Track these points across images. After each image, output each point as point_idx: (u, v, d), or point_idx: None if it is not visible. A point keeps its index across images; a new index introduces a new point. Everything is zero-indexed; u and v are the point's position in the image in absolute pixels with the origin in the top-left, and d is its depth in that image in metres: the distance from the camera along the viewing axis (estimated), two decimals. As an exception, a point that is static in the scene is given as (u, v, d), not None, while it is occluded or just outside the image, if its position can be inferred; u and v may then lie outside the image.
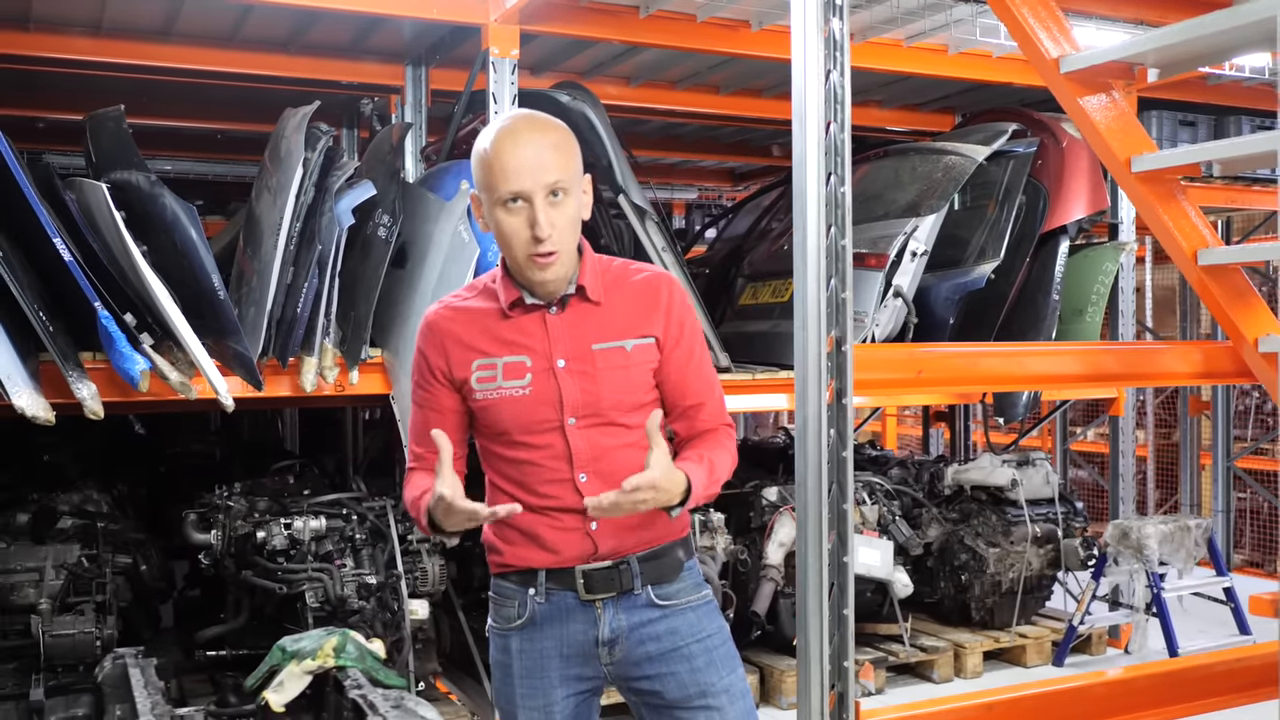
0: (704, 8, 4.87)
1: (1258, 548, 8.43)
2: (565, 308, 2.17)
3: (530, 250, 2.08)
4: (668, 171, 8.77)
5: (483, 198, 2.13)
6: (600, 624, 2.18)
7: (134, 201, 4.22)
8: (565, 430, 2.14)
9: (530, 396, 2.14)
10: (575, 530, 2.15)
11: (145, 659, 3.17)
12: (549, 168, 2.06)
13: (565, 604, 2.18)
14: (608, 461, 2.14)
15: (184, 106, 6.25)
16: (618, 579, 2.17)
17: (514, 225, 2.08)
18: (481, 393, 2.16)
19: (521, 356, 2.15)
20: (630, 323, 2.18)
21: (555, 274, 2.11)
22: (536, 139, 2.09)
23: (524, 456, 2.16)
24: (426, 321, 2.24)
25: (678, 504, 2.08)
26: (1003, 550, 5.78)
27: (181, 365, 3.94)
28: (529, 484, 2.16)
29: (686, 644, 2.20)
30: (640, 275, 2.23)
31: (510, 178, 2.05)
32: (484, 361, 2.16)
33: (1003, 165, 5.32)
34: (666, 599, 2.20)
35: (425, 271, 4.42)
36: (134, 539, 4.76)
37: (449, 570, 4.79)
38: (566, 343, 2.15)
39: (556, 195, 2.07)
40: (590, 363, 2.14)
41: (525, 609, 2.20)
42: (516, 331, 2.17)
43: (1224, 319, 3.25)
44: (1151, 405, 9.14)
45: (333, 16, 4.85)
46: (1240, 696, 3.55)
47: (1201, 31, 2.82)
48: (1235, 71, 5.48)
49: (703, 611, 2.24)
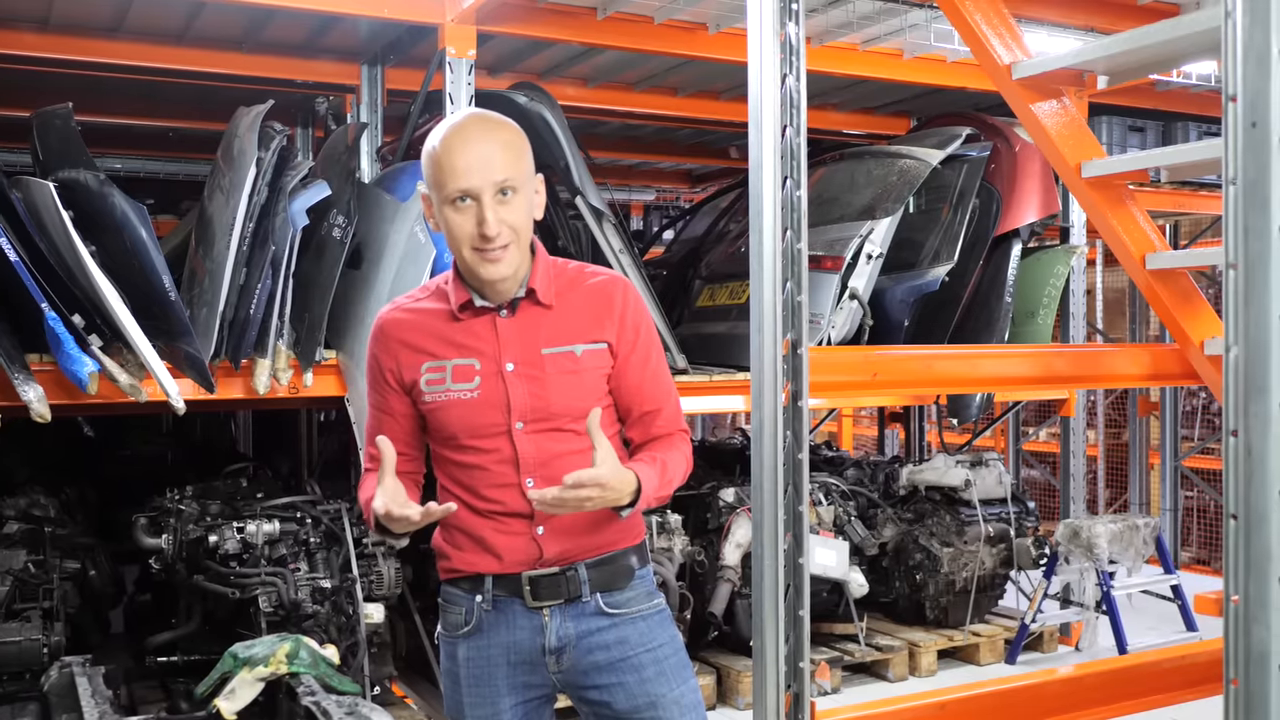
0: (662, 10, 4.87)
1: (1204, 545, 8.58)
2: (515, 311, 2.15)
3: (477, 245, 2.06)
4: (625, 173, 8.77)
5: (432, 196, 2.11)
6: (547, 632, 2.15)
7: (82, 201, 4.15)
8: (512, 434, 2.12)
9: (478, 400, 2.12)
10: (521, 535, 2.13)
11: (93, 667, 3.12)
12: (497, 166, 2.05)
13: (512, 611, 2.15)
14: (556, 467, 2.10)
15: (135, 104, 6.17)
16: (565, 585, 2.14)
17: (461, 223, 2.06)
18: (430, 395, 2.14)
19: (470, 359, 2.13)
20: (582, 327, 2.15)
21: (502, 272, 2.09)
22: (486, 137, 2.08)
23: (471, 460, 2.14)
24: (378, 323, 2.22)
25: (627, 504, 2.05)
26: (956, 550, 5.84)
27: (131, 367, 3.89)
28: (476, 488, 2.14)
29: (636, 654, 2.17)
30: (595, 279, 2.21)
31: (459, 175, 2.04)
32: (433, 364, 2.14)
33: (957, 169, 5.38)
34: (616, 608, 2.18)
35: (380, 273, 4.40)
36: (83, 543, 4.69)
37: (405, 574, 4.76)
38: (516, 346, 2.13)
39: (505, 194, 2.05)
40: (539, 367, 2.12)
41: (472, 615, 2.17)
42: (466, 334, 2.14)
43: (1171, 322, 3.31)
44: (1102, 406, 9.28)
45: (287, 14, 4.80)
46: (1188, 692, 3.62)
47: (1149, 40, 2.86)
48: (1183, 79, 5.59)
49: (654, 621, 2.22)
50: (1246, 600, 1.75)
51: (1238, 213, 1.77)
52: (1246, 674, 1.74)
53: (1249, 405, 1.75)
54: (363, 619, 4.33)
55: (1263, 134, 1.73)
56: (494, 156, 2.05)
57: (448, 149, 2.06)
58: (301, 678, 2.80)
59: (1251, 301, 1.75)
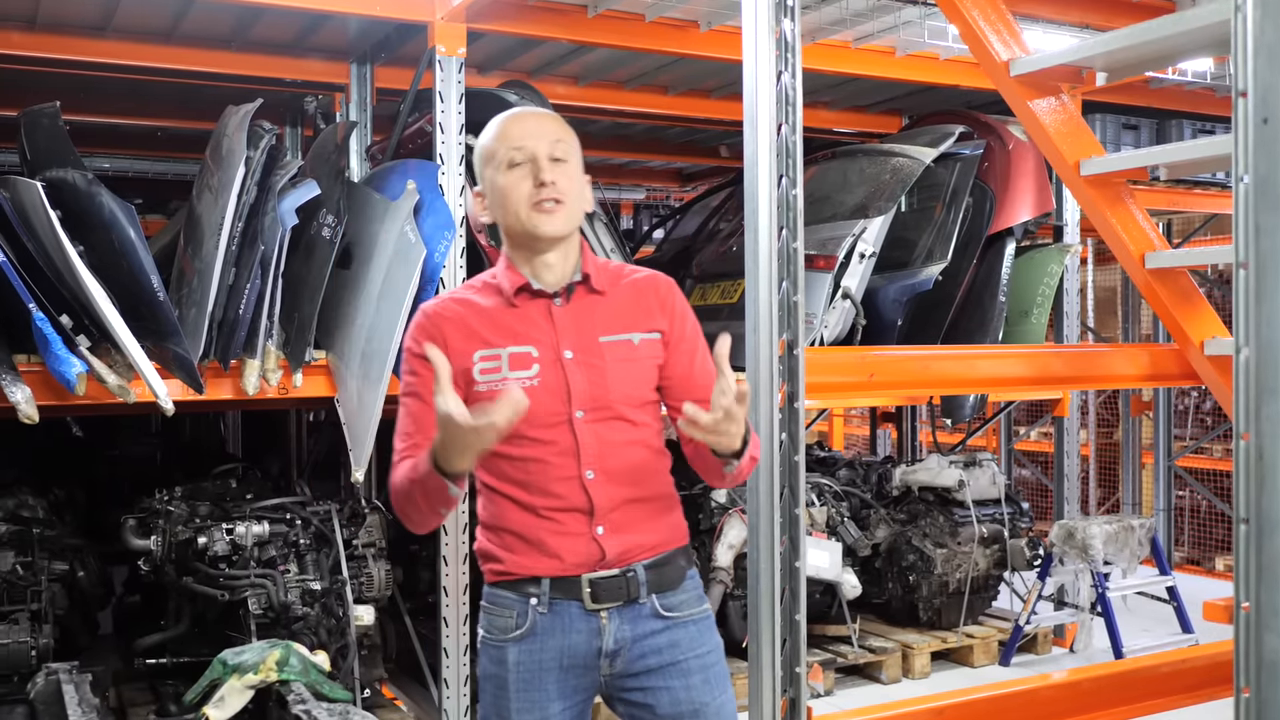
0: (653, 8, 4.84)
1: (1197, 545, 8.58)
2: (570, 299, 2.13)
3: (534, 199, 2.06)
4: (616, 172, 8.74)
5: (484, 174, 2.13)
6: (604, 634, 2.11)
7: (70, 200, 4.10)
8: (573, 424, 2.07)
9: (539, 387, 2.06)
10: (581, 535, 2.09)
11: (80, 674, 3.07)
12: (551, 131, 2.12)
13: (569, 613, 2.10)
14: (614, 458, 2.08)
15: (123, 103, 6.11)
16: (625, 587, 2.11)
17: (517, 182, 2.08)
18: (486, 383, 2.08)
19: (528, 347, 2.09)
20: (636, 317, 2.15)
21: (558, 227, 2.08)
22: (541, 114, 2.19)
23: (530, 453, 2.08)
24: (423, 311, 2.18)
25: (740, 448, 2.01)
26: (950, 551, 5.82)
27: (120, 368, 3.84)
28: (534, 483, 2.09)
29: (685, 659, 2.15)
30: (638, 274, 2.23)
31: (514, 138, 2.10)
32: (487, 352, 2.10)
33: (950, 167, 5.35)
34: (670, 610, 2.15)
35: (370, 273, 4.36)
36: (71, 545, 4.64)
37: (395, 575, 4.72)
38: (573, 334, 2.11)
39: (558, 160, 2.09)
40: (598, 355, 2.10)
41: (525, 619, 2.11)
42: (521, 321, 2.11)
43: (1170, 322, 3.28)
44: (1094, 405, 9.27)
45: (276, 13, 4.75)
46: (1186, 697, 3.60)
47: (1150, 36, 2.84)
48: (1177, 76, 5.57)
49: (703, 625, 2.20)
50: (1258, 607, 1.72)
51: (1248, 210, 1.74)
52: (1258, 682, 1.71)
53: (1260, 407, 1.72)
54: (353, 621, 4.30)
55: (1274, 129, 1.70)
56: (548, 125, 2.14)
57: (505, 120, 2.15)
58: (292, 685, 2.76)
59: (1263, 301, 1.72)
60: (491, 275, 2.19)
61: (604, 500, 2.09)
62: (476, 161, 2.16)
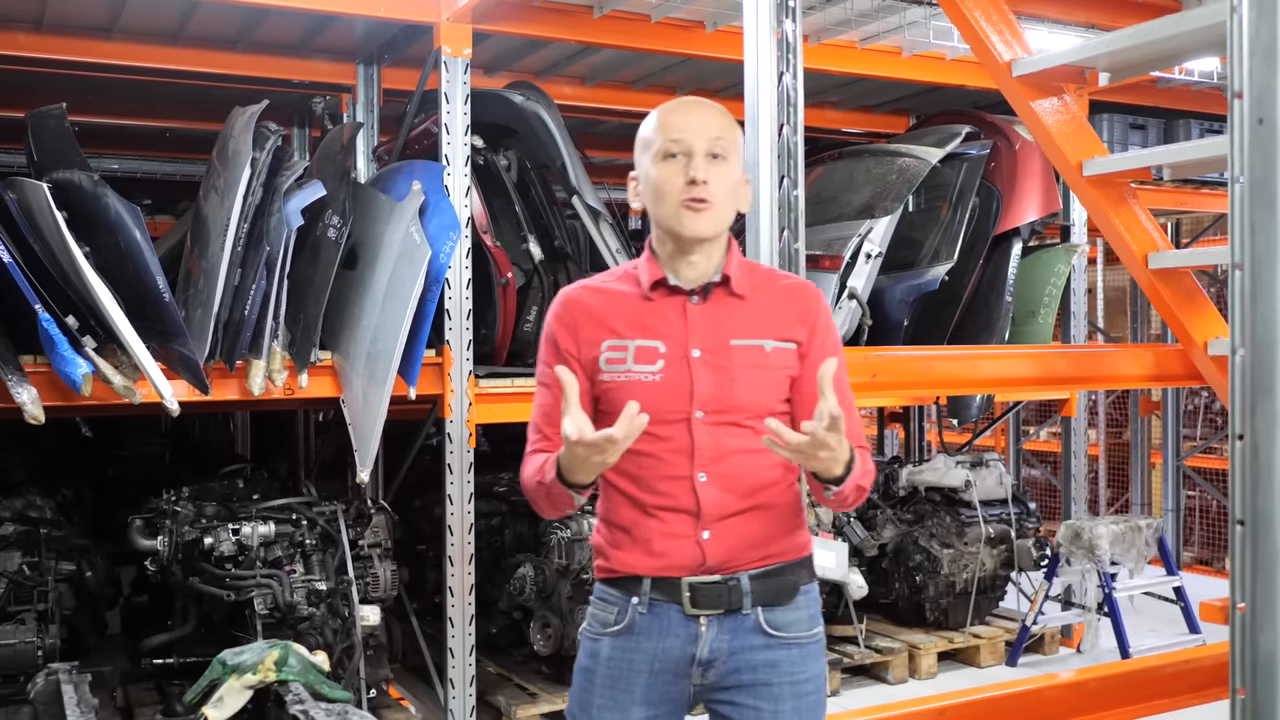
0: (658, 8, 4.85)
1: (1207, 545, 8.54)
2: (707, 298, 2.09)
3: (683, 196, 2.02)
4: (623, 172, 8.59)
5: (641, 162, 2.10)
6: (701, 642, 2.06)
7: (76, 201, 4.13)
8: (691, 423, 2.04)
9: (659, 384, 2.05)
10: (686, 537, 2.05)
11: (80, 674, 3.07)
12: (713, 127, 2.06)
13: (668, 616, 2.07)
14: (730, 464, 2.04)
15: (130, 104, 6.14)
16: (726, 595, 2.05)
17: (670, 175, 2.04)
18: (609, 374, 2.07)
19: (655, 342, 2.07)
20: (773, 324, 2.09)
21: (703, 228, 2.04)
22: (706, 106, 2.11)
23: (644, 448, 2.02)
24: (560, 298, 2.16)
25: (841, 473, 1.94)
26: (957, 551, 5.81)
27: (125, 369, 3.86)
28: (645, 479, 2.06)
29: (780, 683, 2.08)
30: (788, 280, 2.18)
31: (674, 129, 2.05)
32: (615, 343, 2.08)
33: (956, 168, 5.35)
34: (776, 628, 2.08)
35: (376, 273, 4.37)
36: (78, 545, 4.66)
37: (401, 575, 4.73)
38: (704, 333, 2.06)
39: (717, 157, 2.04)
40: (726, 357, 2.05)
41: (625, 615, 2.09)
42: (654, 316, 2.08)
43: (1174, 322, 3.27)
44: (1103, 405, 9.24)
45: (283, 14, 4.77)
46: (1192, 697, 3.59)
47: (1151, 36, 2.83)
48: (1185, 75, 5.55)
49: (809, 651, 2.12)
50: (1253, 607, 1.71)
51: (1243, 211, 1.74)
52: (1253, 682, 1.70)
53: (1255, 407, 1.72)
54: (359, 621, 4.31)
55: (1269, 130, 1.70)
56: (710, 120, 2.07)
57: (668, 110, 2.11)
58: (290, 685, 2.77)
59: (1258, 301, 1.71)
60: (634, 265, 2.16)
61: (712, 505, 2.05)
62: (636, 146, 2.12)
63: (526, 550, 5.08)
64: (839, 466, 1.93)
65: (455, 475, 4.59)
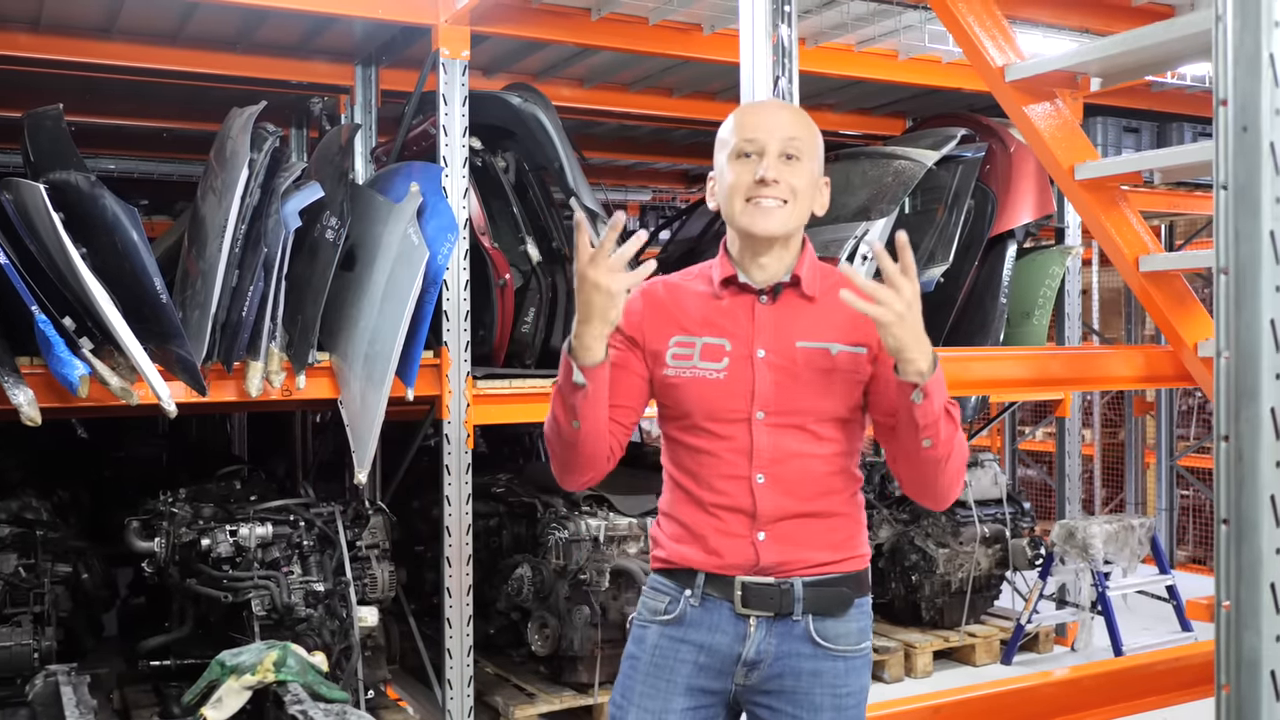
0: (656, 11, 4.87)
1: (1200, 544, 8.58)
2: (777, 299, 2.09)
3: (752, 194, 2.02)
4: (621, 173, 8.76)
5: (717, 161, 2.10)
6: (749, 642, 2.07)
7: (73, 202, 4.14)
8: (751, 423, 2.04)
9: (723, 382, 2.05)
10: (741, 537, 2.05)
11: (79, 676, 3.08)
12: (788, 126, 2.06)
13: (719, 612, 2.08)
14: (789, 467, 2.03)
15: (128, 105, 6.15)
16: (778, 599, 2.05)
17: (741, 172, 2.04)
18: (674, 369, 2.08)
19: (722, 340, 2.07)
20: (844, 328, 2.06)
21: (771, 227, 2.03)
22: (784, 106, 2.17)
23: (704, 445, 2.06)
24: (638, 291, 2.14)
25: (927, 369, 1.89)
26: (952, 551, 5.84)
27: (123, 370, 3.87)
28: (703, 476, 2.07)
29: (822, 694, 2.08)
30: None
31: (748, 128, 2.06)
32: (682, 339, 2.09)
33: (952, 170, 5.37)
34: (825, 639, 2.08)
35: (374, 275, 4.38)
36: (75, 547, 4.67)
37: (399, 576, 4.75)
38: (770, 334, 2.06)
39: (790, 157, 2.04)
40: (791, 359, 2.05)
41: (677, 605, 2.10)
42: (722, 314, 2.09)
43: (1165, 324, 3.30)
44: (1098, 405, 9.28)
45: (281, 15, 4.79)
46: (1183, 694, 3.62)
47: (1143, 43, 2.85)
48: (1177, 79, 5.58)
49: (855, 664, 2.11)
50: (1238, 606, 1.74)
51: (1229, 217, 1.76)
52: (1238, 680, 1.73)
53: (1240, 410, 1.74)
54: (357, 622, 4.32)
55: (1254, 138, 1.72)
56: (787, 120, 2.08)
57: (745, 109, 2.15)
58: (289, 686, 2.78)
59: (1243, 306, 1.74)
60: (710, 264, 2.16)
61: (769, 507, 2.04)
62: (715, 146, 2.13)
63: (524, 551, 5.10)
64: (919, 349, 1.87)
65: (453, 476, 4.61)
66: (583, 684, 4.91)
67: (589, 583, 4.73)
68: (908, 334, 1.88)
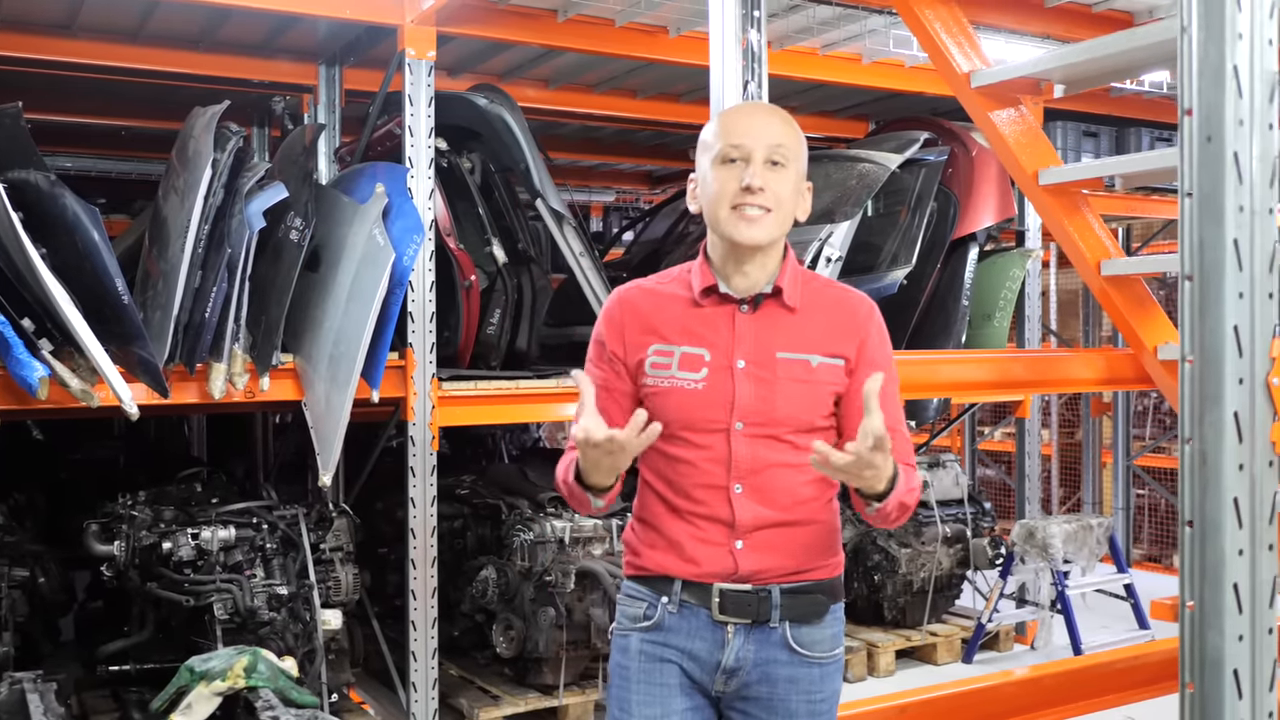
0: (622, 13, 4.87)
1: (1155, 543, 8.71)
2: (757, 309, 2.08)
3: (736, 202, 2.00)
4: (585, 174, 8.76)
5: (700, 164, 2.08)
6: (727, 649, 2.07)
7: (33, 202, 4.08)
8: (730, 434, 2.03)
9: (701, 392, 2.04)
10: (719, 545, 2.05)
11: (44, 683, 3.04)
12: (774, 133, 2.04)
13: (697, 619, 2.07)
14: (766, 477, 2.04)
15: (88, 103, 6.08)
16: (755, 606, 2.05)
17: (726, 179, 2.02)
18: (653, 379, 2.07)
19: (701, 350, 2.06)
20: (822, 338, 2.07)
21: (755, 236, 2.01)
22: (769, 111, 2.10)
23: (682, 454, 2.06)
24: (614, 297, 2.15)
25: (885, 489, 1.92)
26: (914, 551, 5.89)
27: (83, 372, 3.82)
28: (681, 485, 2.07)
29: (797, 700, 2.09)
30: (841, 293, 2.16)
31: (734, 133, 2.04)
32: (661, 348, 2.08)
33: (915, 173, 5.41)
34: (802, 646, 2.09)
35: (339, 276, 4.36)
36: (32, 550, 4.60)
37: (363, 579, 4.72)
38: (750, 344, 2.05)
39: (776, 163, 2.02)
40: (771, 369, 2.04)
41: (655, 612, 2.10)
42: (702, 324, 2.08)
43: (1125, 327, 3.35)
44: (1056, 406, 9.39)
45: (244, 14, 4.74)
46: (1142, 692, 3.67)
47: (1106, 51, 2.90)
48: (1136, 85, 5.67)
49: (829, 669, 2.13)
50: (1201, 606, 1.77)
51: (1193, 225, 1.80)
52: (1201, 679, 1.77)
53: (1204, 414, 1.78)
54: (320, 625, 4.29)
55: (1218, 148, 1.76)
56: (773, 125, 2.06)
57: (730, 113, 2.12)
58: (260, 691, 2.76)
59: (1206, 312, 1.77)
60: (688, 269, 2.14)
61: (747, 517, 2.04)
62: (697, 149, 2.11)
63: (489, 553, 5.09)
64: (882, 483, 1.91)
65: (418, 478, 4.59)
66: (548, 686, 4.91)
67: (554, 584, 4.72)
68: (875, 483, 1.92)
